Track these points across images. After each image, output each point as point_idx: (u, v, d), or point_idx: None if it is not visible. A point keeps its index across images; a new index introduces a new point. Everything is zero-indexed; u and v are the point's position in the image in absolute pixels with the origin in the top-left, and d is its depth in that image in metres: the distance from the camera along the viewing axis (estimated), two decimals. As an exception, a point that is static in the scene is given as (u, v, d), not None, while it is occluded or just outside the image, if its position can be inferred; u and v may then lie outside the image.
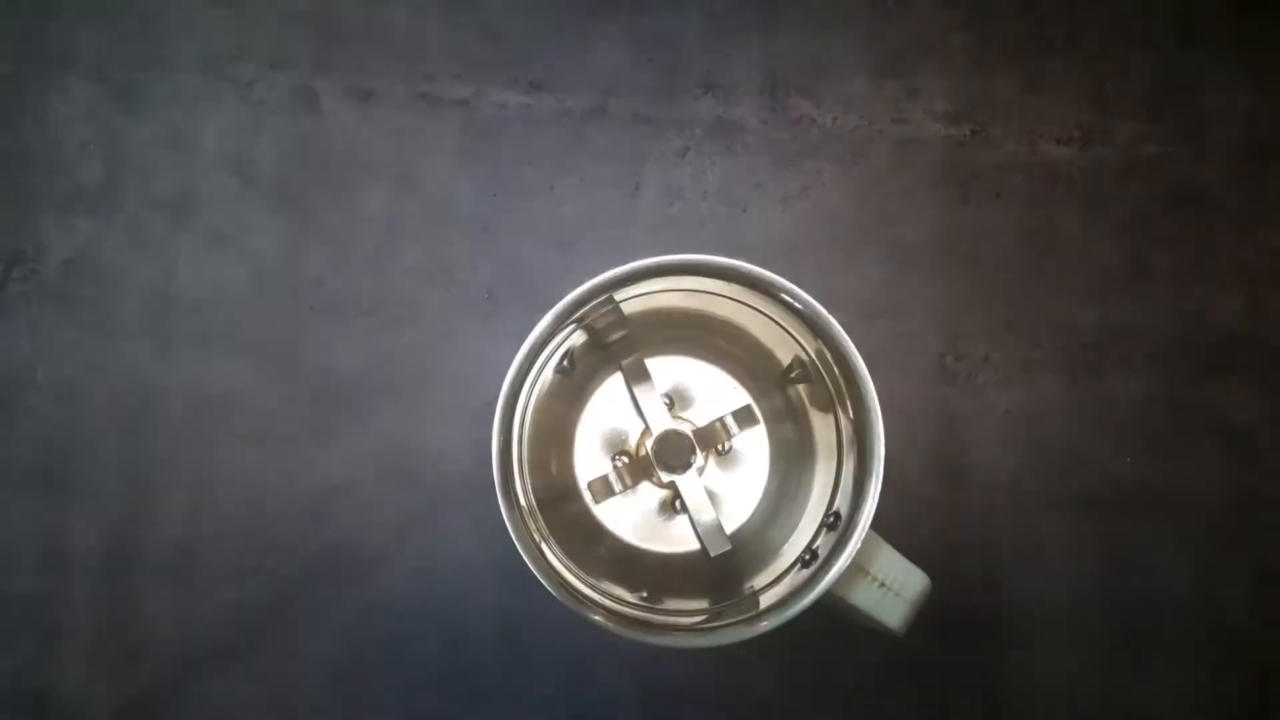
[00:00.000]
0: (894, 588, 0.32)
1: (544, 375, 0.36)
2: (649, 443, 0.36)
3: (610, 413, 0.38)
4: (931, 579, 0.32)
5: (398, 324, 0.42)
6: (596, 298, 0.33)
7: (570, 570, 0.34)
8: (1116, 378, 0.42)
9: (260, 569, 0.41)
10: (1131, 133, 0.43)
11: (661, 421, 0.36)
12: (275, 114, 0.42)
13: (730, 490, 0.38)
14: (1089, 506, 0.42)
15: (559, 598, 0.31)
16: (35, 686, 0.41)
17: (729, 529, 0.37)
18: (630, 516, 0.38)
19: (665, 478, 0.36)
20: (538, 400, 0.36)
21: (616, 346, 0.38)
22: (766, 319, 0.35)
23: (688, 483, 0.36)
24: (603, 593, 0.35)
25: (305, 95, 0.42)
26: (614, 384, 0.38)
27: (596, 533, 0.38)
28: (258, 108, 0.42)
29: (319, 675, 0.41)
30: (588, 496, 0.38)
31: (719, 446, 0.37)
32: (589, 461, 0.39)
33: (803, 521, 0.36)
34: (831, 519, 0.35)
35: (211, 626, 0.41)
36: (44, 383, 0.42)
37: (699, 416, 0.37)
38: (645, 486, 0.37)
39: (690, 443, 0.37)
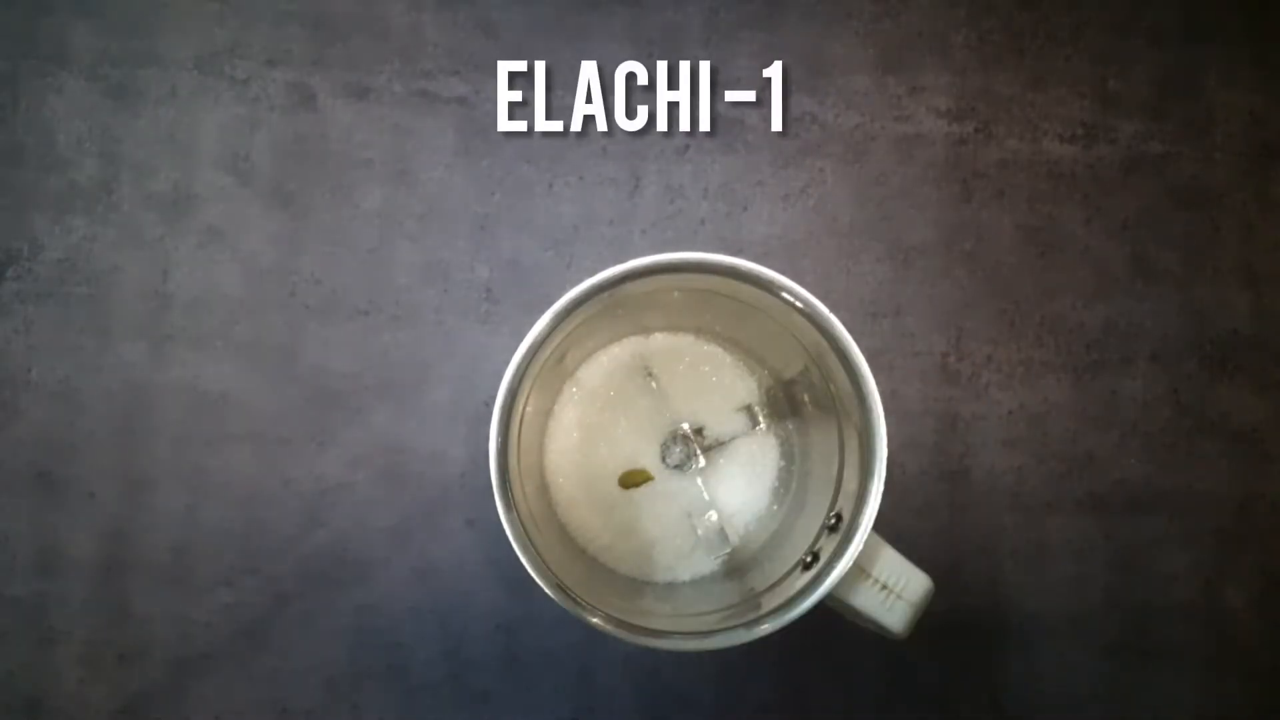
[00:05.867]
0: (896, 590, 0.31)
1: (543, 375, 0.36)
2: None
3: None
4: (934, 581, 0.32)
5: (395, 323, 0.41)
6: (595, 296, 0.32)
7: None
8: (1120, 378, 0.42)
9: (256, 571, 0.41)
10: (1136, 130, 0.42)
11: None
12: (271, 111, 0.42)
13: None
14: (1093, 508, 0.41)
15: (557, 600, 0.31)
16: (30, 690, 0.40)
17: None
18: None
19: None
20: (536, 400, 0.36)
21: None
22: (768, 318, 0.35)
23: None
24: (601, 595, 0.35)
25: (301, 92, 0.42)
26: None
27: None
28: (254, 105, 0.42)
29: (316, 678, 0.41)
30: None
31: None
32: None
33: (804, 523, 0.36)
34: (833, 520, 0.34)
35: (208, 629, 0.41)
36: (38, 383, 0.41)
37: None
38: (645, 487, 0.37)
39: (690, 443, 0.36)
